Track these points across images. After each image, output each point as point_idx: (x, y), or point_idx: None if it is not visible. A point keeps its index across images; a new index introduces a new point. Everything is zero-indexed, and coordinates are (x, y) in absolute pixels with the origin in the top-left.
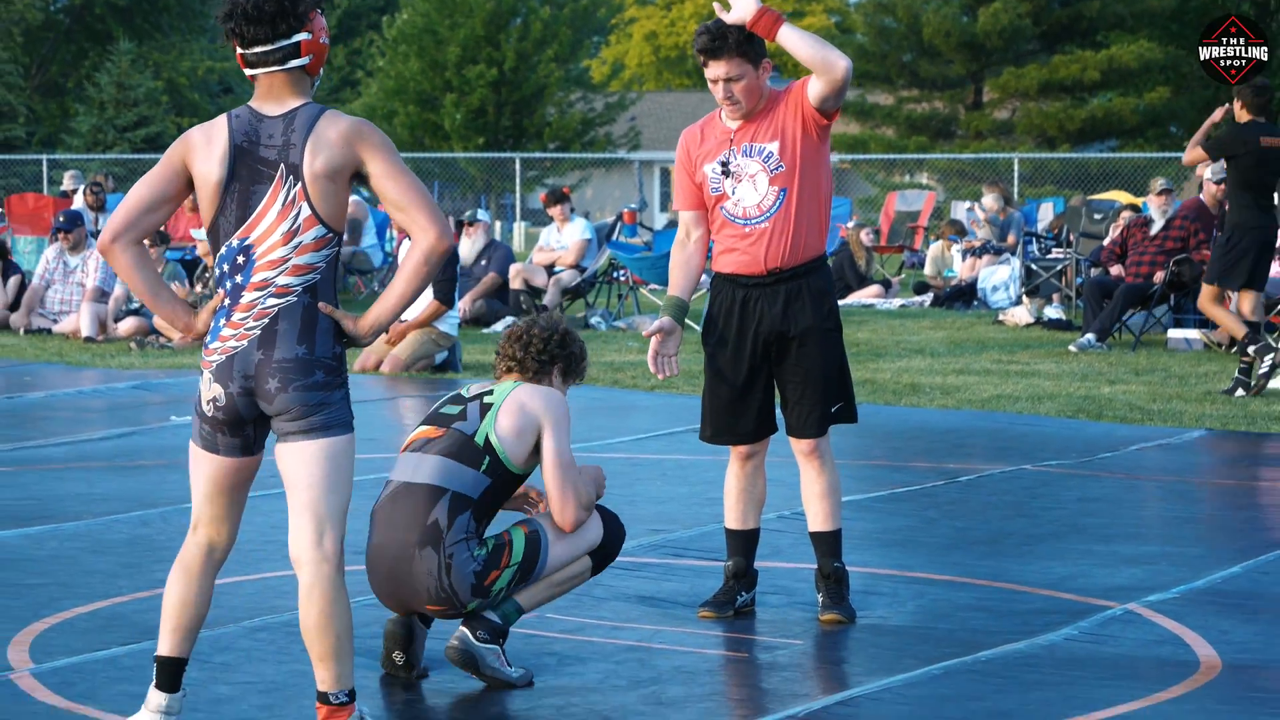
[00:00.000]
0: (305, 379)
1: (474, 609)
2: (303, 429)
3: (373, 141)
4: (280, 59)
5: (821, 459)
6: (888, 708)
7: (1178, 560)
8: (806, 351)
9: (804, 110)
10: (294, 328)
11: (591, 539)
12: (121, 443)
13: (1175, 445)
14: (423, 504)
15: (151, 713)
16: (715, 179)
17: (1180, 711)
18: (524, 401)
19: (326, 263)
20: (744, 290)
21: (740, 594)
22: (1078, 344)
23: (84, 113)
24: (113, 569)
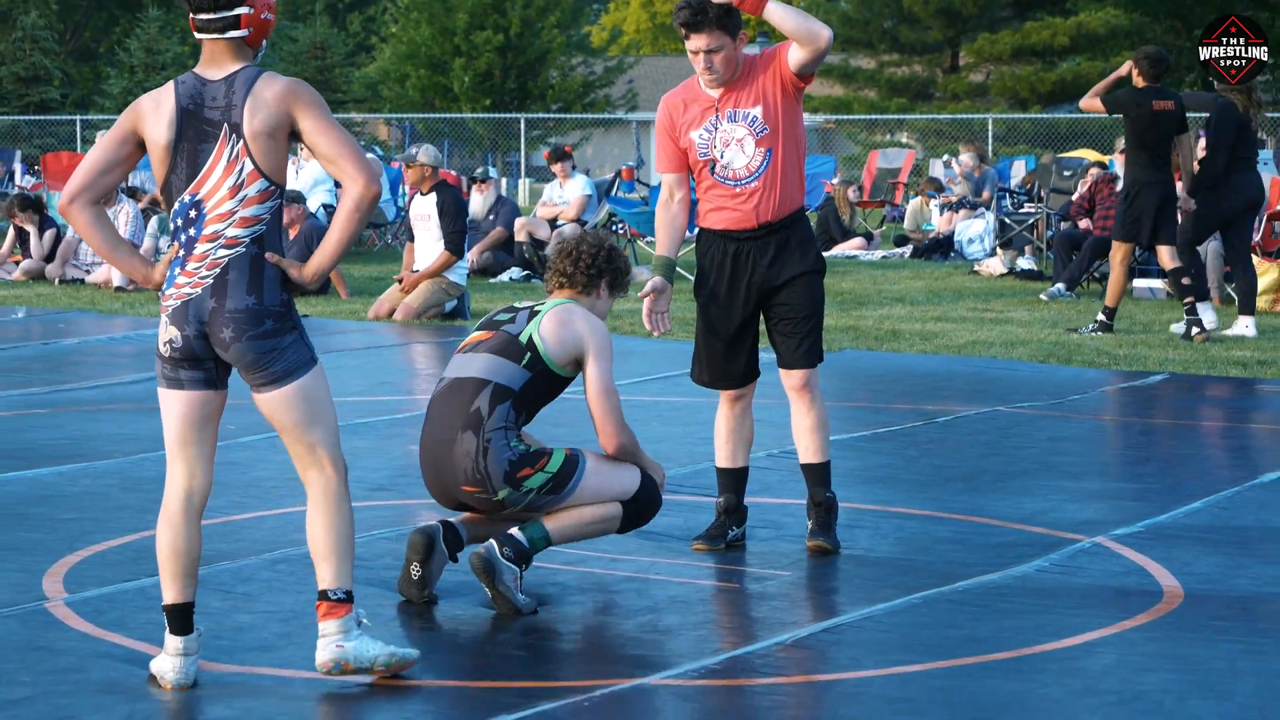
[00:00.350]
0: (256, 329)
1: (504, 497)
2: (267, 379)
3: (304, 100)
4: (221, 28)
5: (811, 394)
6: (870, 635)
7: (1142, 496)
8: (796, 293)
9: (783, 75)
10: (243, 277)
11: (626, 484)
12: (150, 385)
13: (1140, 388)
14: (468, 395)
15: (172, 656)
16: (703, 144)
17: (1145, 638)
18: (569, 319)
19: (271, 214)
20: (735, 244)
21: (731, 528)
22: (1048, 293)
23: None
24: (142, 504)
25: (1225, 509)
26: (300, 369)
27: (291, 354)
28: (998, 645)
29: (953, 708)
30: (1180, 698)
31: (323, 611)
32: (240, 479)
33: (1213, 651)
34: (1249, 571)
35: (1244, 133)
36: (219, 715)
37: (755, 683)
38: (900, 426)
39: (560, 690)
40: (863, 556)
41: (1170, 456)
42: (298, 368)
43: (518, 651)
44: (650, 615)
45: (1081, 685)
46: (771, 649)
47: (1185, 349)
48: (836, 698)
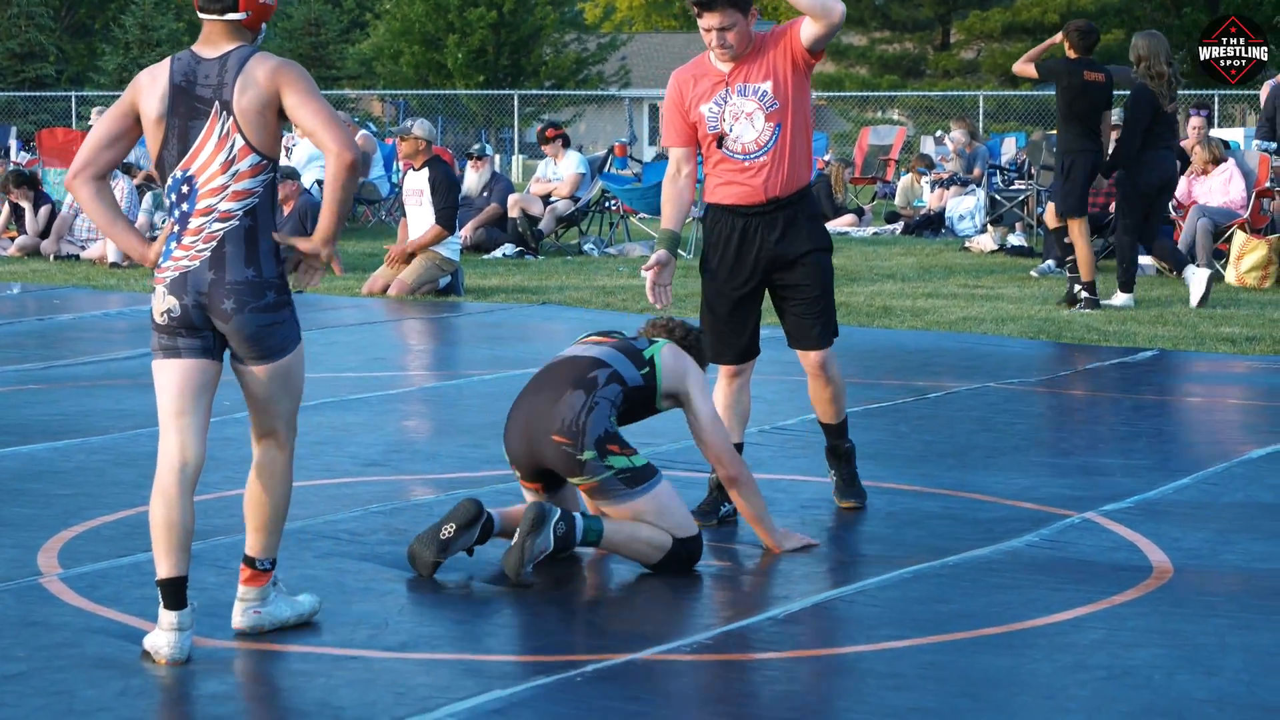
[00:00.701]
0: (258, 301)
1: (587, 460)
2: (260, 354)
3: (290, 76)
4: (220, 10)
5: (829, 372)
6: (861, 609)
7: (1132, 472)
8: (806, 272)
9: (794, 50)
10: (239, 250)
11: (685, 521)
12: (145, 361)
13: (1130, 364)
14: (586, 365)
15: (166, 631)
16: (713, 118)
17: (1135, 613)
18: (680, 357)
19: (264, 187)
20: (743, 219)
21: (724, 504)
22: (1039, 269)
23: (110, 52)
24: (136, 480)
25: (1214, 485)
26: (290, 345)
27: (286, 329)
28: (988, 620)
29: (943, 683)
30: (1169, 673)
31: (245, 576)
32: (235, 455)
33: (1202, 627)
34: (1238, 547)
35: (1159, 115)
36: (212, 690)
37: (747, 658)
38: (891, 402)
39: (553, 665)
40: (853, 532)
41: (1159, 432)
42: (288, 344)
43: (509, 626)
44: (643, 590)
45: (1071, 660)
46: (763, 624)
47: (1175, 325)
48: (827, 673)
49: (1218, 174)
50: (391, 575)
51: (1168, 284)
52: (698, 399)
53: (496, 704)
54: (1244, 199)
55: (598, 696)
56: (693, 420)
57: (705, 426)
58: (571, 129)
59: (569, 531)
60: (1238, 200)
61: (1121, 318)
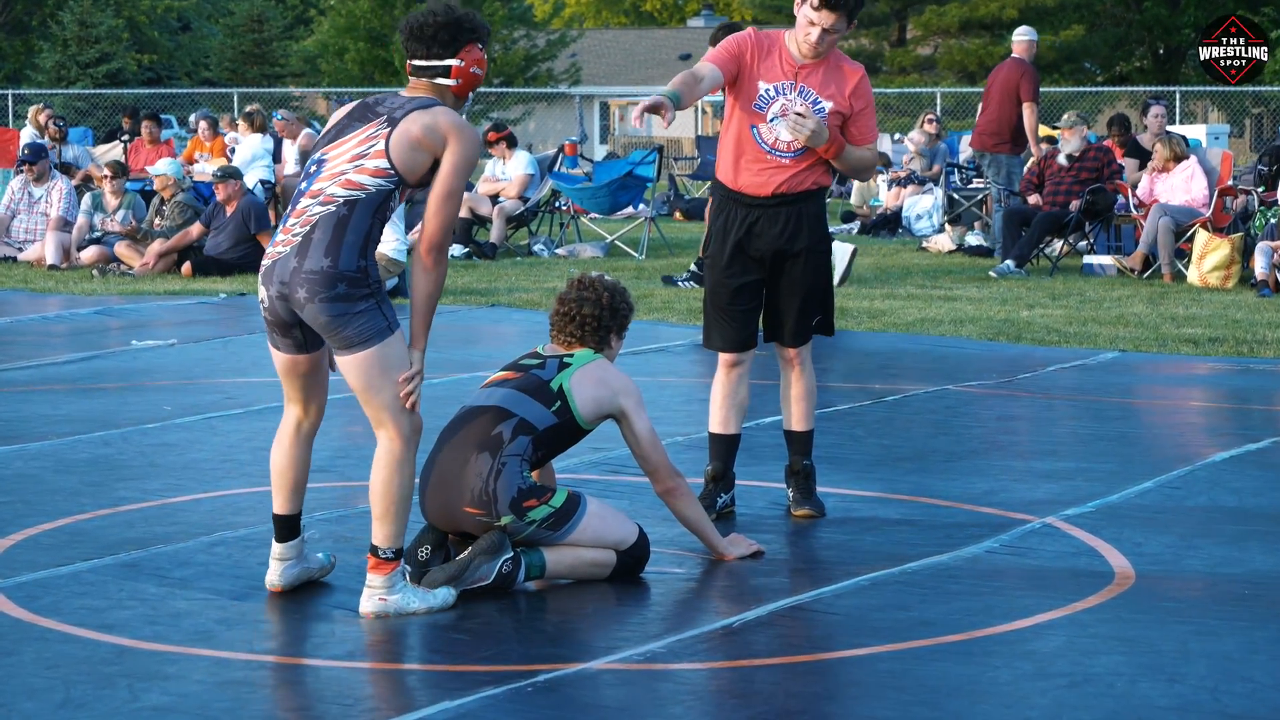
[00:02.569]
0: (328, 291)
1: (506, 524)
2: (341, 344)
3: (464, 145)
4: (432, 75)
5: (802, 365)
6: (818, 617)
7: (1093, 476)
8: (799, 269)
9: (851, 113)
10: (325, 237)
11: (624, 534)
12: (84, 366)
13: (1090, 366)
14: (489, 421)
15: (275, 560)
16: (765, 98)
17: (1096, 620)
18: (604, 378)
19: (377, 189)
20: (746, 210)
21: (720, 496)
22: (997, 270)
23: (48, 50)
24: (76, 487)
25: (1177, 489)
26: (374, 337)
27: (364, 320)
28: (947, 628)
29: (902, 691)
30: (1131, 680)
31: (371, 565)
32: (176, 461)
33: (1164, 633)
34: (1201, 552)
35: None
36: (155, 702)
37: (699, 667)
38: (847, 406)
39: (503, 675)
40: (809, 539)
41: (1121, 436)
42: (371, 335)
43: (459, 636)
44: (594, 599)
45: (1032, 668)
46: (717, 633)
47: (1136, 326)
48: (781, 682)
49: (1179, 171)
50: (338, 584)
51: (1128, 283)
52: (632, 414)
53: (445, 714)
54: (1206, 197)
55: (549, 707)
56: (628, 436)
57: (642, 442)
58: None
59: (513, 573)
60: (1200, 199)
61: (1082, 319)
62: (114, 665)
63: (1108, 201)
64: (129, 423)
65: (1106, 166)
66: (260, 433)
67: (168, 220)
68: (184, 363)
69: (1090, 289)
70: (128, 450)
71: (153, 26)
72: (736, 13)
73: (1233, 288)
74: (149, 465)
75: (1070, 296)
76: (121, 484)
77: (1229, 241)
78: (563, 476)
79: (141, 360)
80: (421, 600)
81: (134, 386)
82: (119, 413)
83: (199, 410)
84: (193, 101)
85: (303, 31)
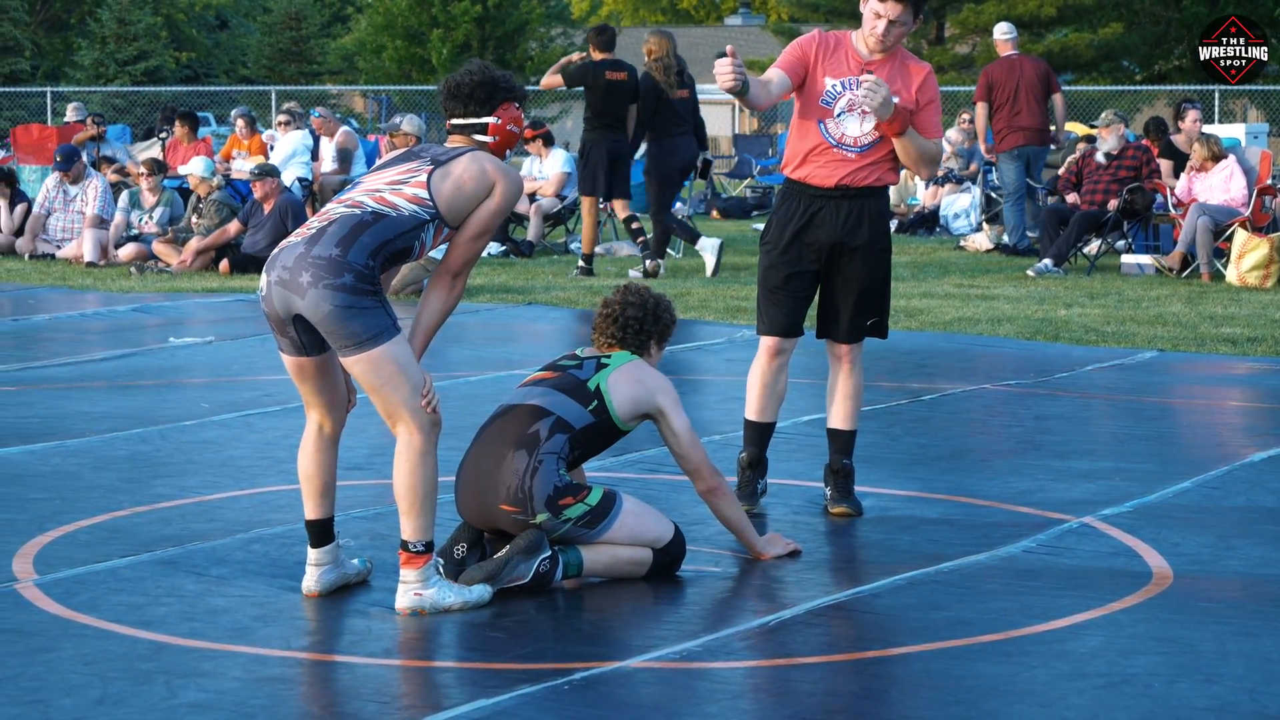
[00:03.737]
0: (334, 278)
1: (541, 521)
2: (348, 342)
3: (507, 190)
4: (469, 131)
5: (851, 364)
6: (855, 616)
7: (1131, 476)
8: (856, 265)
9: (916, 108)
10: (340, 230)
11: (660, 532)
12: (122, 363)
13: (1128, 366)
14: (526, 419)
15: (312, 566)
16: (832, 93)
17: (1134, 620)
18: (641, 377)
19: (411, 215)
20: (809, 200)
21: (758, 481)
22: (1036, 269)
23: (86, 47)
24: (113, 484)
25: (1215, 489)
26: (383, 334)
27: (370, 316)
28: (984, 628)
29: (939, 691)
30: (1169, 680)
31: (403, 560)
32: (214, 458)
33: (1202, 634)
34: (1239, 553)
35: (662, 104)
36: (192, 699)
37: (736, 665)
38: (885, 405)
39: (539, 673)
40: (846, 538)
41: (1159, 435)
42: (380, 332)
43: (495, 634)
44: (630, 597)
45: (1069, 668)
46: (753, 632)
47: (1174, 325)
48: (818, 681)
49: (1218, 171)
50: (374, 581)
51: (1167, 283)
52: (670, 412)
53: (482, 712)
54: (1245, 197)
55: (585, 705)
56: (667, 435)
57: (682, 440)
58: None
59: (550, 571)
60: (1239, 198)
61: (1120, 318)
62: (151, 662)
63: (1146, 201)
64: (166, 420)
65: (1145, 165)
66: (297, 430)
67: (205, 219)
68: (221, 360)
69: (1128, 288)
70: (165, 447)
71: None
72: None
73: (1271, 287)
74: (186, 462)
75: (1108, 296)
76: (159, 481)
77: (1268, 241)
78: (599, 475)
79: (179, 357)
80: (457, 595)
81: (171, 384)
82: (157, 410)
83: (236, 407)
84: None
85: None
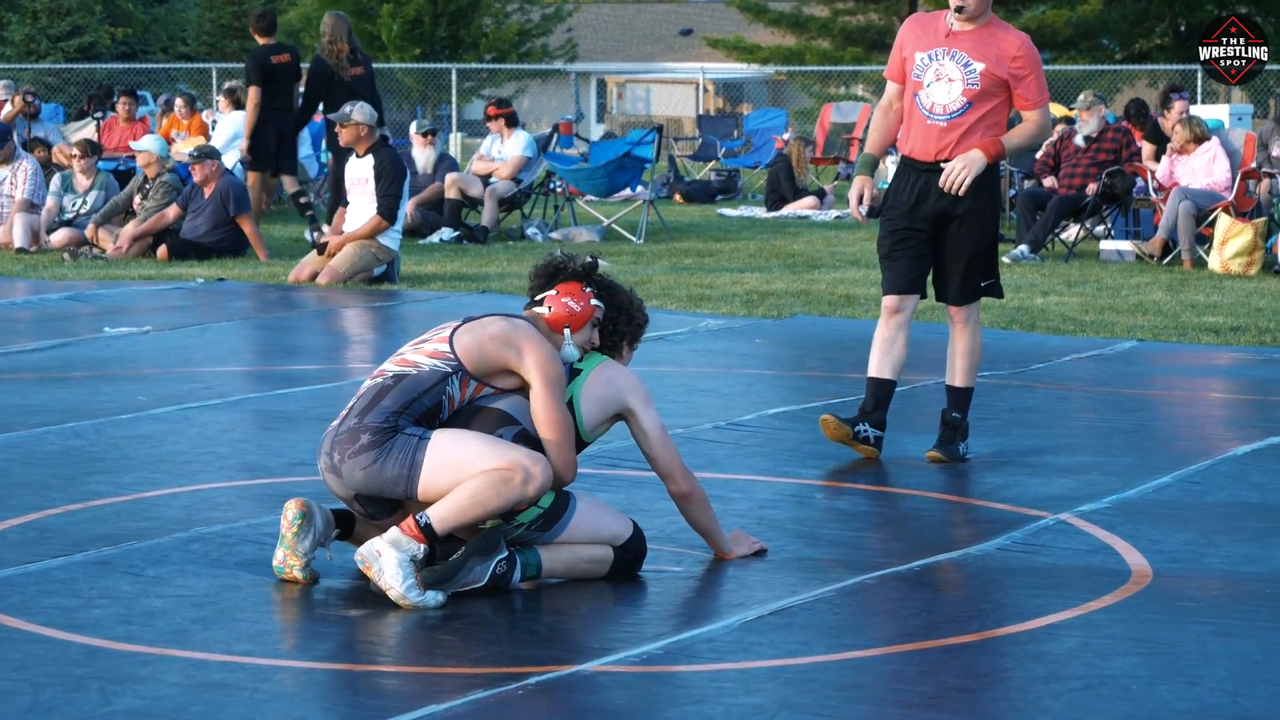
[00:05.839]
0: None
1: (493, 525)
2: (402, 491)
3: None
4: (532, 305)
5: (966, 323)
6: (821, 617)
7: (1109, 470)
8: (963, 231)
9: (1008, 75)
10: (363, 403)
11: (617, 530)
12: (54, 354)
13: (1107, 356)
14: (490, 424)
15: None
16: (921, 67)
17: (1111, 620)
18: (611, 377)
19: (431, 370)
20: (917, 174)
21: (861, 425)
22: (1011, 255)
23: (16, 22)
24: (45, 481)
25: (1196, 484)
26: (415, 451)
27: (396, 451)
28: (956, 628)
29: (908, 695)
30: (1148, 682)
31: (402, 523)
32: (151, 453)
33: (1182, 634)
34: (1221, 550)
35: (335, 84)
36: (127, 706)
37: (699, 669)
38: (855, 397)
39: (493, 677)
40: (813, 534)
41: (1139, 428)
42: (412, 456)
43: (447, 636)
44: (589, 599)
45: (1045, 670)
46: (717, 633)
47: (1155, 314)
48: (785, 684)
49: (1200, 154)
50: (320, 584)
51: (1147, 270)
52: (639, 412)
53: (432, 718)
54: (1228, 180)
55: (541, 711)
56: (638, 435)
57: (652, 441)
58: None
59: (507, 573)
60: (1221, 182)
61: (1099, 307)
62: (85, 667)
63: (1126, 185)
64: (101, 413)
65: (1125, 148)
66: (237, 424)
67: (151, 200)
68: (159, 351)
69: (1107, 276)
70: (100, 442)
71: None
72: None
73: (1256, 274)
74: (122, 458)
75: (1087, 283)
76: (93, 478)
77: (1252, 226)
78: None
79: (114, 348)
80: (407, 591)
81: (106, 376)
82: (90, 403)
83: (174, 400)
84: (169, 77)
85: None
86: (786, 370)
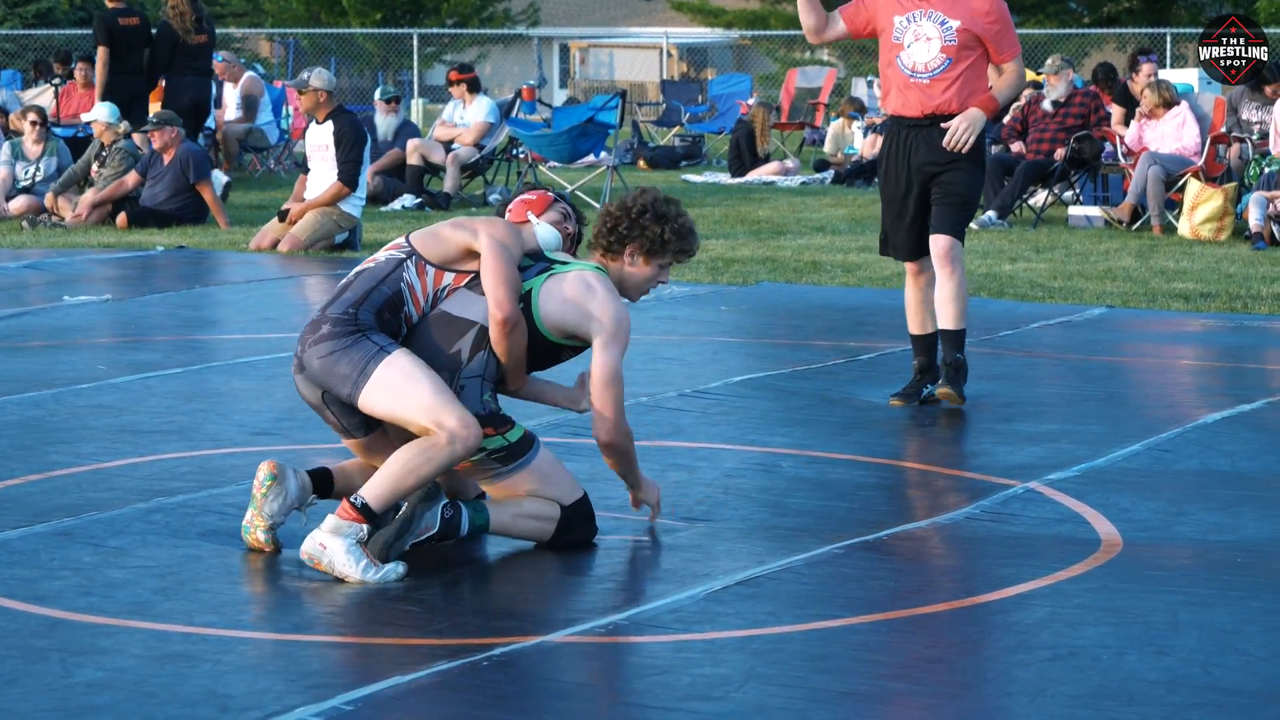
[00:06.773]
0: (313, 335)
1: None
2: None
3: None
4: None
5: (952, 264)
6: (789, 587)
7: (1079, 438)
8: (951, 176)
9: (982, 30)
10: (327, 301)
11: (568, 491)
12: (12, 323)
13: (1076, 323)
14: (454, 333)
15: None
16: (900, 31)
17: (1081, 589)
18: (584, 288)
19: (385, 259)
20: (905, 130)
21: (926, 386)
22: (979, 221)
23: None
24: (4, 451)
25: (1166, 452)
26: (370, 360)
27: (353, 351)
28: (924, 598)
29: (876, 665)
30: (1118, 652)
31: (340, 508)
32: (112, 423)
33: (1153, 603)
34: (1191, 518)
35: (179, 49)
36: (89, 678)
37: (664, 639)
38: (821, 364)
39: (457, 649)
40: (780, 504)
41: (1108, 396)
42: (367, 361)
43: (410, 607)
44: (554, 569)
45: (1014, 640)
46: (682, 603)
47: (1124, 281)
48: (752, 654)
49: (1169, 118)
50: (283, 553)
51: (1116, 236)
52: (598, 349)
53: (396, 690)
54: (1198, 145)
55: (505, 682)
56: (591, 368)
57: (594, 379)
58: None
59: (455, 518)
60: (1191, 147)
61: (1068, 273)
62: (45, 639)
63: (1094, 150)
64: (61, 383)
65: (1093, 113)
66: (200, 394)
67: (109, 168)
68: (119, 319)
69: (1076, 241)
70: (59, 412)
71: None
72: None
73: (1226, 240)
74: (82, 428)
75: (1055, 249)
76: (53, 448)
77: (1222, 192)
78: None
79: (74, 317)
80: (364, 573)
81: (66, 345)
82: (50, 372)
83: (135, 369)
84: None
85: None
86: (752, 337)
